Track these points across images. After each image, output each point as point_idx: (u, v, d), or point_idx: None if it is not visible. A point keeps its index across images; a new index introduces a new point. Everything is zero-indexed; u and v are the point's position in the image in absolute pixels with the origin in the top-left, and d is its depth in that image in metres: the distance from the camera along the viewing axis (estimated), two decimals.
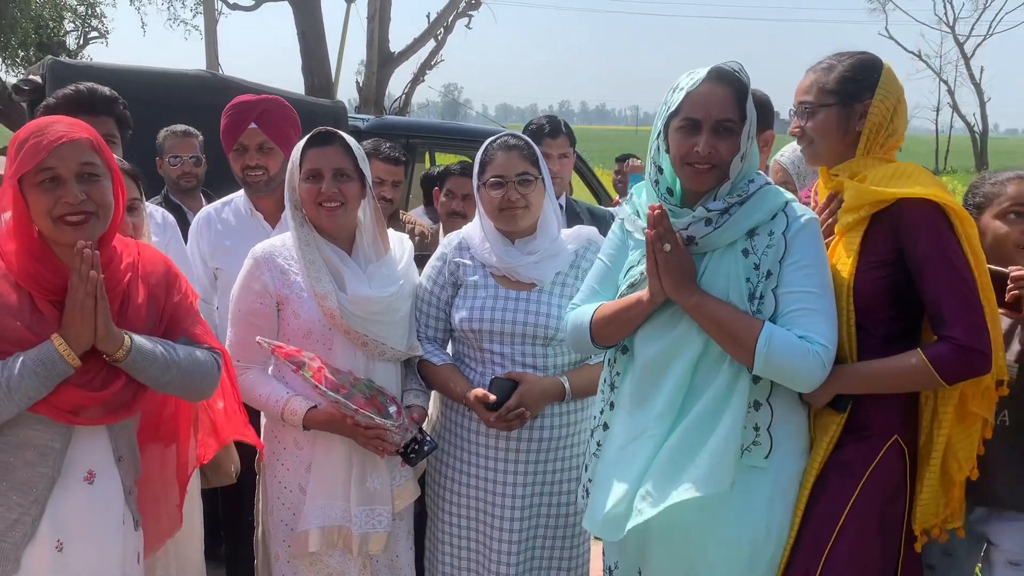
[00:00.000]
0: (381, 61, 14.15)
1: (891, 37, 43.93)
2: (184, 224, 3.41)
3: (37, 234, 1.99)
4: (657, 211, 2.05)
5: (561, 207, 3.79)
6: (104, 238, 2.05)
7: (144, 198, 2.73)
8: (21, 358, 1.89)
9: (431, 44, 15.27)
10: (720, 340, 2.04)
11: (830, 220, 2.24)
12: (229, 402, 2.39)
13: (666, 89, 2.13)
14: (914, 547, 2.14)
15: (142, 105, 5.06)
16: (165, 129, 4.20)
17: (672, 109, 2.07)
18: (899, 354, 2.06)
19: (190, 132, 4.16)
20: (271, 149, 3.09)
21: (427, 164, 7.66)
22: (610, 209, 4.59)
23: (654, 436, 2.09)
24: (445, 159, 7.96)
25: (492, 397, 2.47)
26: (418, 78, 15.03)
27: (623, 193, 7.23)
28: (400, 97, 14.75)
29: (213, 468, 2.67)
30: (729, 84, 2.04)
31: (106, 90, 2.72)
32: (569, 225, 3.39)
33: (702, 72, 2.06)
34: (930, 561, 2.32)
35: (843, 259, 2.13)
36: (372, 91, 13.87)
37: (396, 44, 14.92)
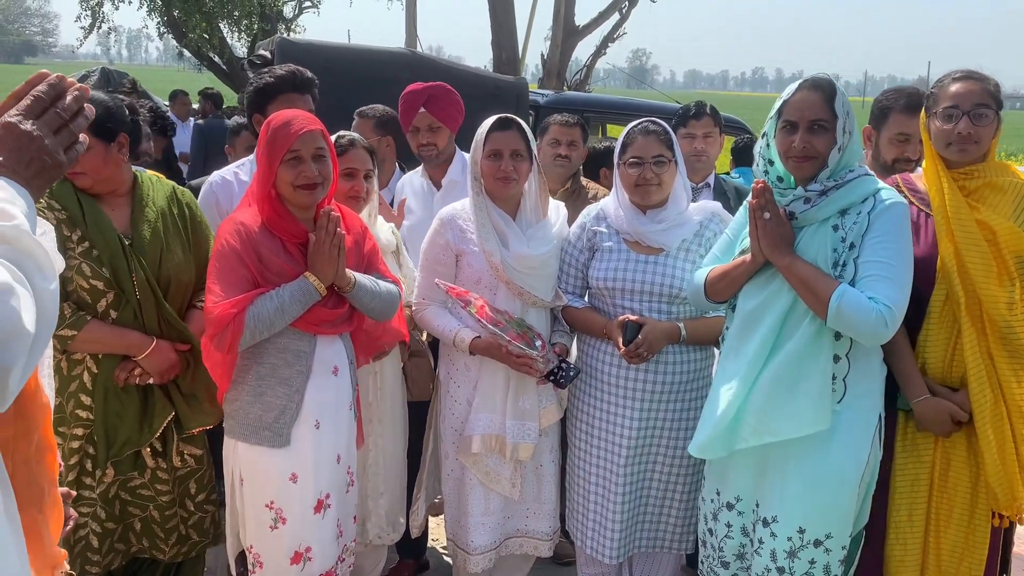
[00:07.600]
0: (566, 34, 14.60)
1: None
2: None
3: (276, 196, 2.63)
4: (760, 185, 2.50)
5: (708, 185, 4.21)
6: (323, 201, 2.67)
7: (376, 168, 3.22)
8: (288, 289, 2.55)
9: (615, 17, 15.65)
10: (803, 295, 2.44)
11: None
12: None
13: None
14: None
15: (351, 79, 5.83)
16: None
17: (775, 114, 2.51)
18: None
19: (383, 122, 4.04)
20: (438, 128, 3.69)
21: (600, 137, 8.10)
22: None
23: (746, 378, 2.51)
24: (617, 132, 8.37)
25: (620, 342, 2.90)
26: (600, 51, 15.39)
27: None
28: (581, 70, 15.17)
29: (416, 384, 3.31)
30: (820, 90, 2.44)
31: (308, 73, 3.33)
32: (715, 200, 3.82)
33: (798, 83, 2.49)
34: None
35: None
36: (556, 63, 14.40)
37: (581, 17, 15.38)
